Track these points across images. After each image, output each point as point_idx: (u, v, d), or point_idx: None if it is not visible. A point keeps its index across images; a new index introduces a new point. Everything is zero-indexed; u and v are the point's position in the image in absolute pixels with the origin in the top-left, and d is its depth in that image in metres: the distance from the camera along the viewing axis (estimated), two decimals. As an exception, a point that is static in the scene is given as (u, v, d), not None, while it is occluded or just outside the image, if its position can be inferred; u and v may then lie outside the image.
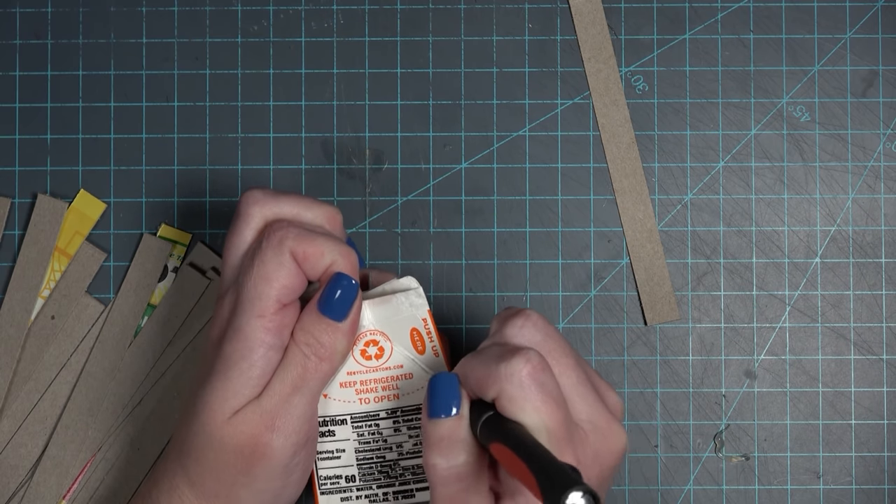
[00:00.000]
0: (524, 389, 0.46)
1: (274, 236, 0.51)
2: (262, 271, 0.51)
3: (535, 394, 0.46)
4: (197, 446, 0.51)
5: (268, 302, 0.51)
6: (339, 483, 0.54)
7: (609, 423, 0.49)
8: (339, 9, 0.65)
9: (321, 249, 0.51)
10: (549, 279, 0.64)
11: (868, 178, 0.65)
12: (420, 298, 0.54)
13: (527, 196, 0.65)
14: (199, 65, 0.65)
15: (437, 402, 0.48)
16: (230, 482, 0.51)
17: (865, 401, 0.64)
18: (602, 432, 0.49)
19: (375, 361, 0.54)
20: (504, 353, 0.47)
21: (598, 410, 0.49)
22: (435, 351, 0.53)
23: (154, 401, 0.63)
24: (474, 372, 0.48)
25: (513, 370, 0.46)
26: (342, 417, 0.54)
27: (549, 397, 0.47)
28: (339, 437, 0.54)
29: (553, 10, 0.65)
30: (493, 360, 0.47)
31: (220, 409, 0.51)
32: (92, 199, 0.64)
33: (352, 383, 0.54)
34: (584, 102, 0.65)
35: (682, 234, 0.65)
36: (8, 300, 0.64)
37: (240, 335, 0.51)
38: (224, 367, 0.51)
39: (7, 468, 0.63)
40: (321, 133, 0.65)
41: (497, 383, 0.47)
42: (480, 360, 0.48)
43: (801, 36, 0.65)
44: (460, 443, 0.48)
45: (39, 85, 0.65)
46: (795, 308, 0.64)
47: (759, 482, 0.64)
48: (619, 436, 0.50)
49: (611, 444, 0.49)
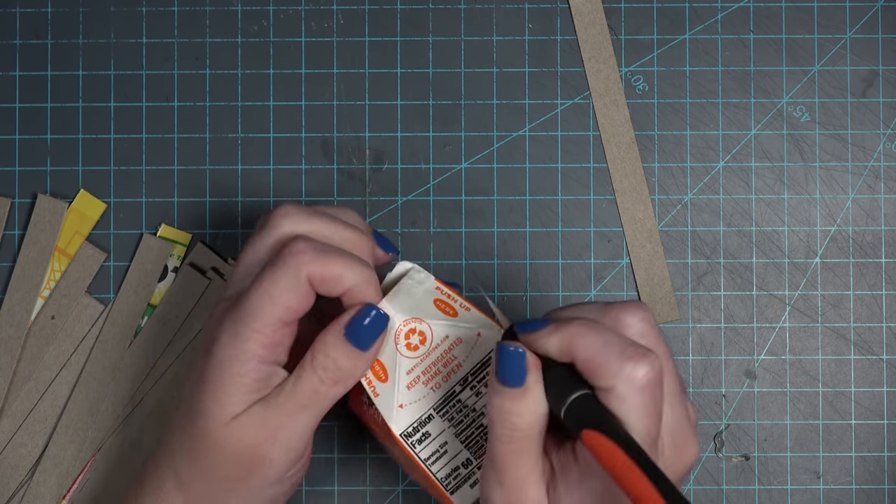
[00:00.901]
0: (641, 396, 0.45)
1: (291, 258, 0.50)
2: (271, 289, 0.50)
3: (648, 403, 0.45)
4: (192, 449, 0.51)
5: (268, 319, 0.50)
6: (460, 473, 0.54)
7: (686, 438, 0.49)
8: (339, 9, 0.65)
9: (339, 273, 0.51)
10: (549, 279, 0.64)
11: (868, 178, 0.65)
12: (421, 272, 0.54)
13: (527, 196, 0.65)
14: (199, 65, 0.65)
15: (504, 372, 0.47)
16: (222, 487, 0.51)
17: (865, 401, 0.64)
18: (678, 446, 0.48)
19: (423, 347, 0.54)
20: (629, 350, 0.46)
21: (681, 424, 0.49)
22: (464, 307, 0.54)
23: (154, 401, 0.63)
24: (590, 352, 0.46)
25: (637, 374, 0.45)
26: (427, 415, 0.54)
27: (656, 411, 0.46)
28: (435, 434, 0.54)
29: (553, 10, 0.65)
30: (615, 351, 0.46)
31: (218, 415, 0.50)
32: (92, 199, 0.64)
33: (416, 379, 0.54)
34: (584, 102, 0.65)
35: (682, 234, 0.65)
36: (8, 300, 0.64)
37: (234, 343, 0.50)
38: (217, 373, 0.51)
39: (7, 468, 0.63)
40: (321, 133, 0.65)
41: (615, 377, 0.45)
42: (601, 339, 0.47)
43: (801, 36, 0.65)
44: (524, 409, 0.47)
45: (39, 85, 0.65)
46: (795, 308, 0.64)
47: (759, 482, 0.64)
48: (693, 450, 0.49)
49: (684, 458, 0.49)
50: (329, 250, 0.51)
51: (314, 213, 0.53)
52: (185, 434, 0.52)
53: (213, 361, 0.51)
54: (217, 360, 0.51)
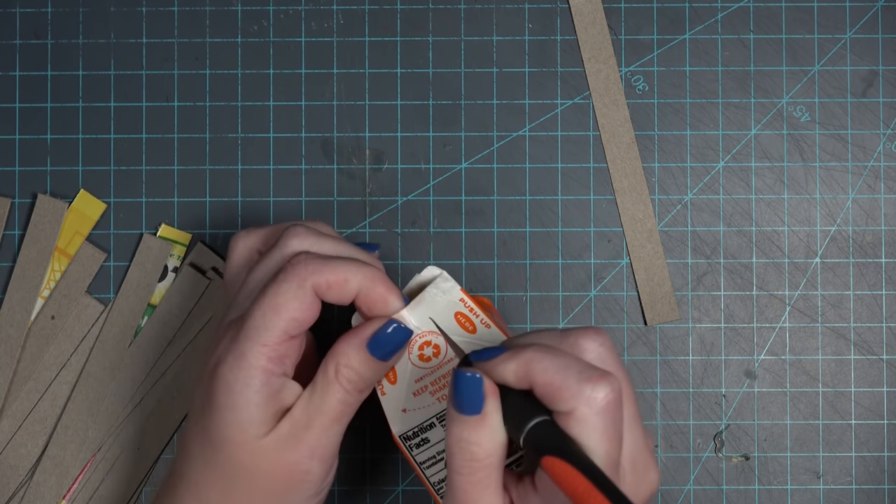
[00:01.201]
0: (601, 418, 0.45)
1: (293, 269, 0.50)
2: (274, 302, 0.50)
3: (609, 426, 0.45)
4: (224, 478, 0.51)
5: (274, 332, 0.50)
6: None
7: (647, 464, 0.48)
8: (339, 9, 0.65)
9: (344, 276, 0.51)
10: (549, 279, 0.64)
11: (868, 178, 0.65)
12: (448, 282, 0.53)
13: (527, 196, 0.65)
14: (199, 65, 0.65)
15: (461, 400, 0.46)
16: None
17: (865, 401, 0.64)
18: (639, 472, 0.48)
19: (436, 359, 0.53)
20: (588, 373, 0.45)
21: (640, 449, 0.48)
22: (484, 323, 0.53)
23: (154, 401, 0.63)
24: (548, 376, 0.46)
25: (597, 395, 0.44)
26: (429, 422, 0.54)
27: (617, 434, 0.45)
28: (433, 441, 0.54)
29: (553, 10, 0.65)
30: (575, 375, 0.45)
31: (242, 440, 0.50)
32: (92, 199, 0.64)
33: (423, 388, 0.54)
34: (584, 102, 0.65)
35: (682, 234, 0.65)
36: (8, 300, 0.64)
37: (242, 363, 0.50)
38: (229, 398, 0.50)
39: (7, 468, 0.63)
40: (321, 133, 0.65)
41: (574, 400, 0.45)
42: (559, 365, 0.46)
43: (801, 36, 0.65)
44: (481, 437, 0.46)
45: (39, 85, 0.65)
46: (795, 308, 0.64)
47: (759, 482, 0.64)
48: (654, 477, 0.49)
49: (647, 485, 0.48)
50: (332, 258, 0.51)
51: (324, 238, 0.53)
52: (211, 466, 0.51)
53: (220, 385, 0.50)
54: (225, 383, 0.50)
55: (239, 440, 0.50)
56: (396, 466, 0.64)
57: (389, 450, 0.64)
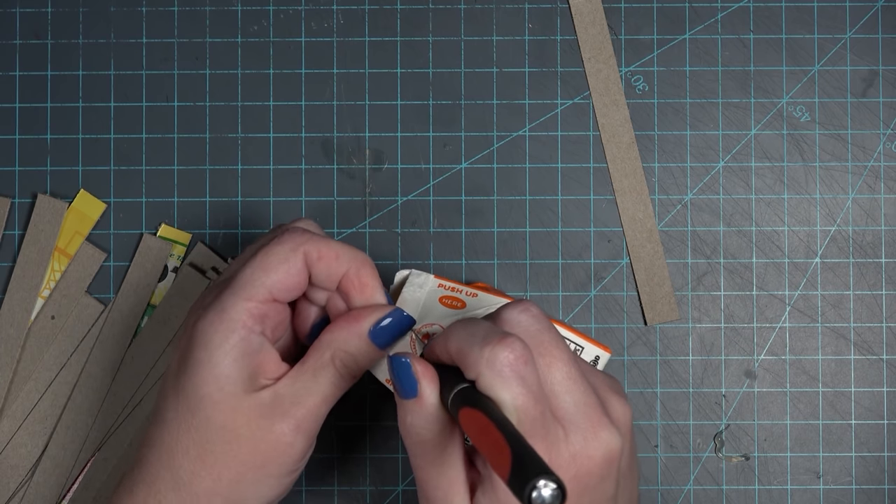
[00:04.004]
0: (503, 378, 0.44)
1: (288, 234, 0.51)
2: (265, 261, 0.50)
3: (513, 384, 0.44)
4: (199, 441, 0.50)
5: (259, 290, 0.50)
6: None
7: (595, 426, 0.46)
8: (339, 9, 0.65)
9: (336, 252, 0.51)
10: (549, 279, 0.64)
11: (868, 178, 0.65)
12: (420, 275, 0.54)
13: (527, 196, 0.65)
14: (199, 65, 0.65)
15: (398, 385, 0.47)
16: (234, 478, 0.50)
17: (865, 401, 0.64)
18: (584, 434, 0.46)
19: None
20: (490, 336, 0.45)
21: (584, 411, 0.47)
22: (471, 294, 0.54)
23: (154, 401, 0.63)
24: (457, 343, 0.47)
25: (495, 357, 0.45)
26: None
27: (528, 390, 0.45)
28: None
29: (553, 10, 0.65)
30: (478, 340, 0.46)
31: (222, 399, 0.49)
32: (92, 199, 0.64)
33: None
34: (584, 102, 0.65)
35: (682, 234, 0.65)
36: (8, 300, 0.64)
37: (223, 315, 0.50)
38: (206, 352, 0.49)
39: (7, 468, 0.63)
40: (321, 133, 0.65)
41: (476, 366, 0.45)
42: (466, 332, 0.47)
43: (801, 36, 0.65)
44: (424, 419, 0.47)
45: (39, 85, 0.65)
46: (795, 308, 0.64)
47: (759, 482, 0.64)
48: (604, 441, 0.46)
49: (592, 447, 0.46)
50: (328, 238, 0.52)
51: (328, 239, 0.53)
52: (185, 429, 0.50)
53: (199, 339, 0.50)
54: (203, 335, 0.50)
55: (217, 398, 0.49)
56: (396, 466, 0.64)
57: (390, 449, 0.64)
